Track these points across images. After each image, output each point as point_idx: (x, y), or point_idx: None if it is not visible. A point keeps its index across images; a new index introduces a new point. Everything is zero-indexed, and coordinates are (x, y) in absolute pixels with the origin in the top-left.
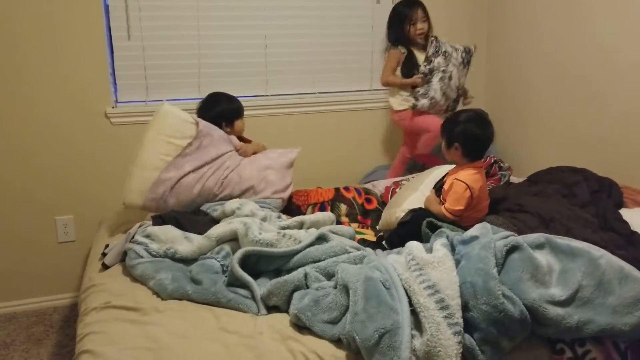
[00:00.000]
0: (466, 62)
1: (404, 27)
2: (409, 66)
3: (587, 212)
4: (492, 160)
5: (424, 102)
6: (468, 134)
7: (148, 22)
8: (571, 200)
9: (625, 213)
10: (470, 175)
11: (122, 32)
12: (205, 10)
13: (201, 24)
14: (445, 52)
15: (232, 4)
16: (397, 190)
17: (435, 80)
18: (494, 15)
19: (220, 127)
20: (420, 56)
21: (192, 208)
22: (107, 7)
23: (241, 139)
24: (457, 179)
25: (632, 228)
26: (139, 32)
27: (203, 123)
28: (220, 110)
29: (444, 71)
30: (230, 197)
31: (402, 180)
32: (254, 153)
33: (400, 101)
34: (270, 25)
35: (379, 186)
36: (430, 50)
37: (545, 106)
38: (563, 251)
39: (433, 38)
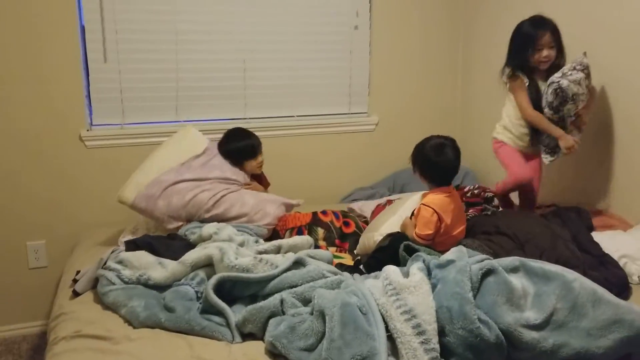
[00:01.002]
0: (587, 85)
1: (527, 52)
2: (532, 100)
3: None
4: (485, 197)
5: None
6: (426, 161)
7: (125, 45)
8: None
9: (596, 236)
10: (438, 200)
11: (98, 54)
12: (184, 33)
13: (179, 47)
14: (574, 95)
15: (211, 27)
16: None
17: (568, 124)
18: (470, 41)
19: (233, 161)
20: (542, 86)
21: (182, 219)
22: (82, 29)
23: (258, 178)
24: (424, 204)
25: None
26: (116, 55)
27: (215, 145)
28: (229, 149)
29: (577, 114)
30: (220, 217)
31: (394, 199)
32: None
33: (501, 129)
34: (249, 49)
35: (369, 205)
36: (556, 102)
37: None
38: (537, 274)
39: (557, 88)
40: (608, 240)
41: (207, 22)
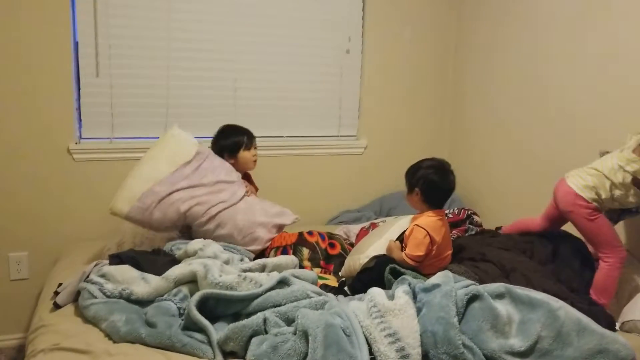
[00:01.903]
0: None
1: None
2: None
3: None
4: (466, 215)
5: None
6: (428, 180)
7: (118, 60)
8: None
9: None
10: (431, 222)
11: (91, 69)
12: (176, 50)
13: (171, 64)
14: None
15: (203, 46)
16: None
17: None
18: (460, 68)
19: (224, 157)
20: None
21: (177, 229)
22: (76, 44)
23: (248, 179)
24: (417, 225)
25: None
26: (108, 70)
27: (204, 147)
28: (224, 143)
29: None
30: (211, 233)
31: (379, 222)
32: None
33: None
34: (241, 68)
35: (354, 229)
36: None
37: (508, 157)
38: (523, 301)
39: None
40: None
41: (199, 41)
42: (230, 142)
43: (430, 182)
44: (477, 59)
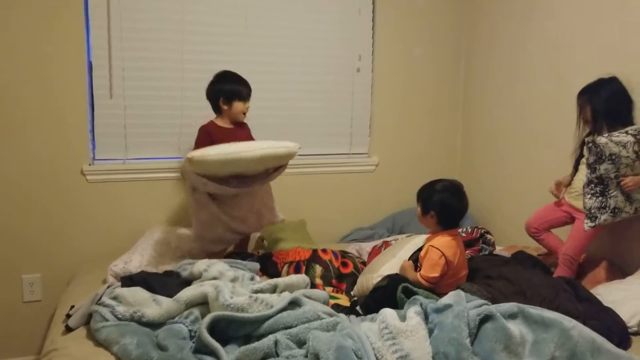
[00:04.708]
0: (637, 150)
1: None
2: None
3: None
4: (479, 234)
5: (605, 217)
6: (444, 204)
7: (131, 82)
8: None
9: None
10: (445, 242)
11: (104, 91)
12: (189, 72)
13: (184, 85)
14: (612, 155)
15: (216, 66)
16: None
17: (612, 187)
18: (470, 85)
19: (217, 103)
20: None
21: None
22: (90, 65)
23: (238, 124)
24: (432, 246)
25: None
26: (122, 91)
27: None
28: (223, 87)
29: (616, 177)
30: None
31: (391, 241)
32: None
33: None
34: (253, 88)
35: (366, 247)
36: (591, 159)
37: (519, 175)
38: (536, 321)
39: (591, 143)
40: (608, 294)
41: (212, 62)
42: (230, 88)
43: (448, 205)
44: (488, 78)
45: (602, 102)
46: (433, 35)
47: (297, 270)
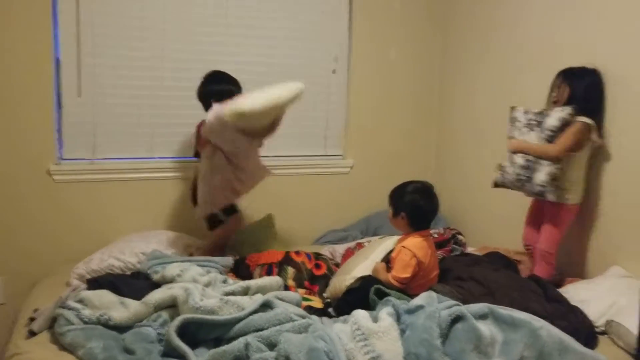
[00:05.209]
0: (535, 124)
1: None
2: None
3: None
4: (451, 235)
5: (497, 176)
6: (415, 205)
7: (100, 79)
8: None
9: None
10: (417, 243)
11: (72, 89)
12: (161, 70)
13: (155, 84)
14: (512, 119)
15: (189, 65)
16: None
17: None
18: (445, 87)
19: (210, 104)
20: None
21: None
22: (57, 62)
23: None
24: (404, 247)
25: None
26: (91, 89)
27: None
28: (214, 88)
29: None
30: None
31: (365, 243)
32: None
33: None
34: None
35: (340, 249)
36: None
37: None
38: (505, 322)
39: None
40: (575, 292)
41: (185, 60)
42: (221, 88)
43: (414, 206)
44: (462, 79)
45: (583, 88)
46: (408, 37)
47: (270, 273)
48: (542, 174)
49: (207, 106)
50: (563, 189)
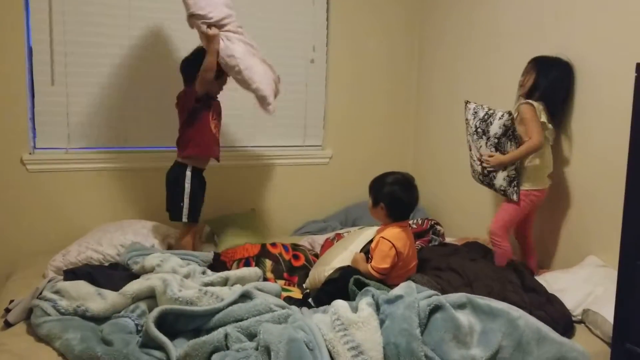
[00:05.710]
0: (482, 132)
1: None
2: None
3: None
4: (429, 225)
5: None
6: (394, 196)
7: (74, 68)
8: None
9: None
10: (396, 234)
11: (46, 77)
12: (136, 59)
13: (130, 73)
14: (466, 119)
15: (165, 53)
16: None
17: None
18: (423, 78)
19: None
20: None
21: None
22: (30, 50)
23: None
24: (383, 237)
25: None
26: (64, 78)
27: None
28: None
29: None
30: None
31: (344, 233)
32: None
33: None
34: None
35: (319, 240)
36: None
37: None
38: (484, 311)
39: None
40: (554, 281)
41: (159, 50)
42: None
43: (393, 197)
44: (440, 71)
45: (548, 79)
46: (387, 27)
47: (247, 267)
48: (500, 179)
49: (190, 77)
50: (523, 182)
